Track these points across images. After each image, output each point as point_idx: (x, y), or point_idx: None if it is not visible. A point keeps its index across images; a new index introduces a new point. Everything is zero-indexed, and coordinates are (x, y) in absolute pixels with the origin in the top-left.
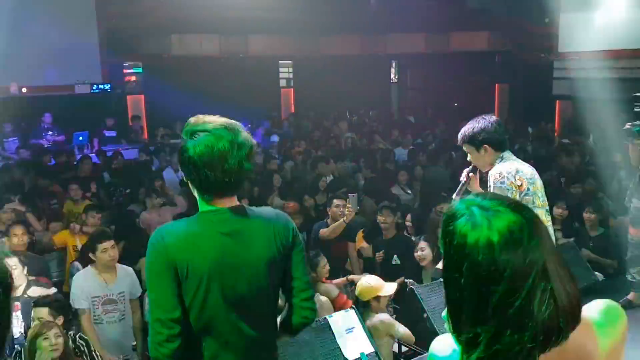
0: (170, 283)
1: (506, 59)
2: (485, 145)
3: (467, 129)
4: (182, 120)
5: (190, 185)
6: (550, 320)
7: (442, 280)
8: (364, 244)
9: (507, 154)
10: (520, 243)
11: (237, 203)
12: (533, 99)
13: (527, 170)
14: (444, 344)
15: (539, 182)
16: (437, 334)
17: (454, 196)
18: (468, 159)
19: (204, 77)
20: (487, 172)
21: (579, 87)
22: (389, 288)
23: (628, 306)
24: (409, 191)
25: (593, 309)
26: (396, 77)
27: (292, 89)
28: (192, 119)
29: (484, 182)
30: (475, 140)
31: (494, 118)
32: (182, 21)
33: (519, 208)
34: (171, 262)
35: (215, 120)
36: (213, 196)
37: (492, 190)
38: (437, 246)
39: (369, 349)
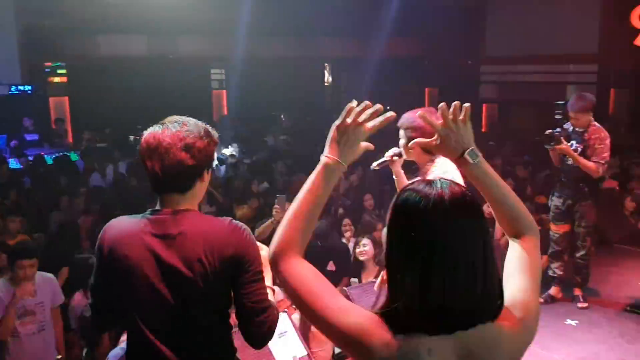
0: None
1: (435, 64)
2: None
3: (403, 120)
4: (110, 122)
5: None
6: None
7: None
8: None
9: (441, 157)
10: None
11: (189, 207)
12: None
13: (459, 175)
14: None
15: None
16: None
17: (373, 164)
18: (401, 143)
19: (132, 79)
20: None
21: (503, 91)
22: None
23: (550, 300)
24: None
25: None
26: (330, 80)
27: (224, 91)
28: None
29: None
30: (407, 133)
31: (436, 114)
32: (108, 21)
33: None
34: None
35: (170, 119)
36: (160, 193)
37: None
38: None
39: (301, 352)
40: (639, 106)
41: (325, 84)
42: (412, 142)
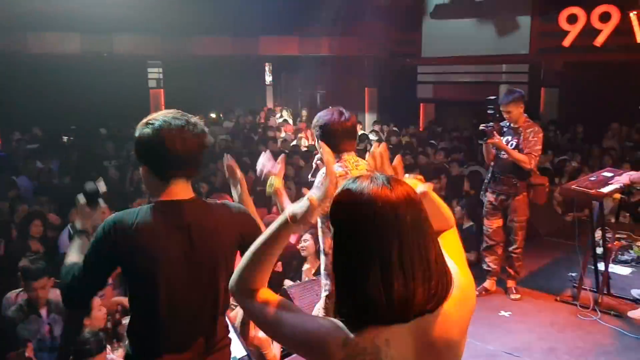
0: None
1: (375, 64)
2: (320, 142)
3: (317, 118)
4: (41, 123)
5: (147, 176)
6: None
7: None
8: None
9: (349, 156)
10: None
11: (193, 195)
12: (400, 102)
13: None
14: None
15: None
16: None
17: (309, 176)
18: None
19: (65, 78)
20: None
21: (440, 90)
22: None
23: (485, 293)
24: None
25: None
26: (270, 79)
27: (162, 90)
28: (143, 120)
29: None
30: (316, 133)
31: (346, 116)
32: (39, 18)
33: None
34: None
35: (165, 111)
36: (171, 178)
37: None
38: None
39: (240, 353)
40: (567, 105)
41: (266, 83)
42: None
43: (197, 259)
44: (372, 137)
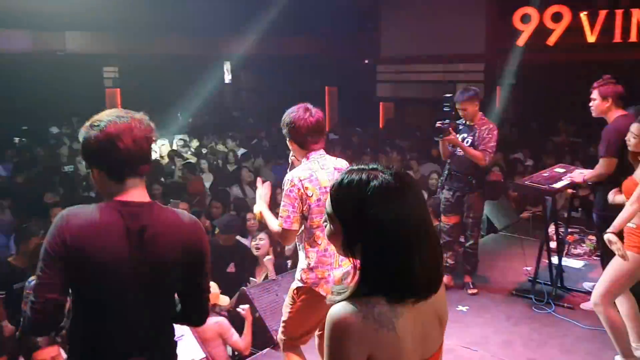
0: None
1: (334, 63)
2: (288, 140)
3: (284, 116)
4: None
5: (98, 178)
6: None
7: None
8: None
9: (317, 154)
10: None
11: (149, 199)
12: (359, 102)
13: (326, 178)
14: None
15: None
16: (268, 333)
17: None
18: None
19: (16, 77)
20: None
21: (398, 89)
22: (224, 300)
23: None
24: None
25: None
26: (230, 78)
27: (118, 90)
28: (86, 123)
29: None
30: (284, 132)
31: (313, 112)
32: None
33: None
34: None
35: (108, 110)
36: (125, 177)
37: (283, 193)
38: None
39: (199, 354)
40: (521, 103)
41: (225, 82)
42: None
43: (145, 264)
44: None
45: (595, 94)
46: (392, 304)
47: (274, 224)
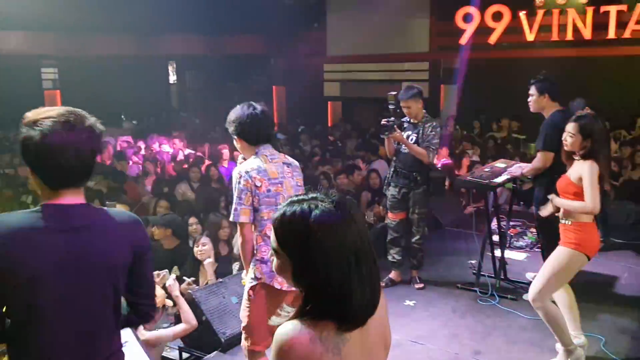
0: None
1: (281, 62)
2: (236, 137)
3: (229, 115)
4: None
5: (33, 178)
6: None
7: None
8: None
9: (265, 149)
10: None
11: (83, 201)
12: (307, 101)
13: (275, 170)
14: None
15: (289, 183)
16: (216, 336)
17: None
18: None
19: None
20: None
21: (346, 88)
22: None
23: (390, 284)
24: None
25: None
26: (175, 78)
27: (58, 91)
28: (29, 114)
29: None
30: (230, 130)
31: (258, 108)
32: None
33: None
34: None
35: (57, 108)
36: (60, 188)
37: (235, 190)
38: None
39: None
40: (465, 101)
41: (170, 83)
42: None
43: (82, 266)
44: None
45: (532, 90)
46: (338, 329)
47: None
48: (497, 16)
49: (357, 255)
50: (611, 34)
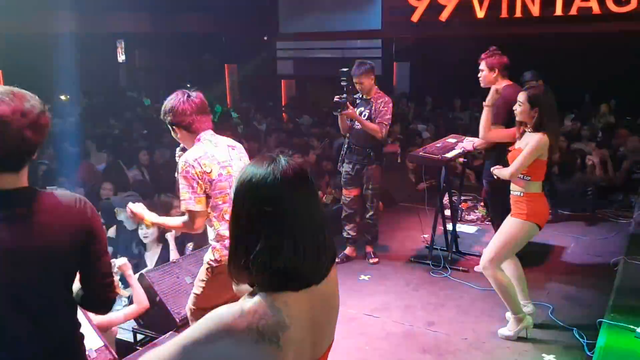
0: None
1: (233, 40)
2: (174, 127)
3: (164, 105)
4: None
5: None
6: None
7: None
8: None
9: (206, 134)
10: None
11: (25, 184)
12: (260, 79)
13: (222, 154)
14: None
15: (237, 165)
16: (170, 316)
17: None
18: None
19: None
20: None
21: (299, 66)
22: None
23: (345, 260)
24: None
25: None
26: (124, 57)
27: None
28: None
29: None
30: (167, 120)
31: (193, 94)
32: None
33: None
34: None
35: (9, 87)
36: None
37: (179, 179)
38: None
39: (98, 343)
40: (417, 78)
41: (119, 61)
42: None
43: (28, 252)
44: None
45: (482, 65)
46: (280, 307)
47: (174, 221)
48: None
49: (312, 220)
50: (558, 11)
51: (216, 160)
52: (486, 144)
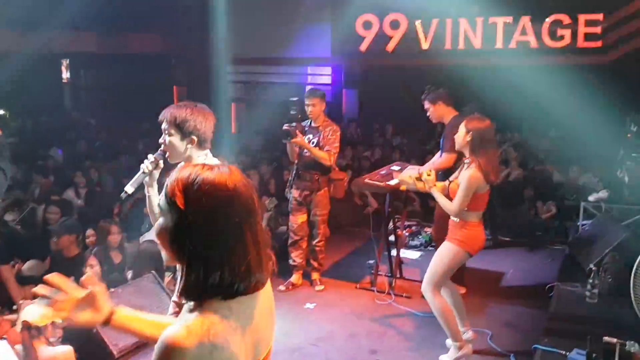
0: None
1: (182, 62)
2: (193, 137)
3: (179, 112)
4: None
5: None
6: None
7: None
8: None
9: (208, 152)
10: None
11: None
12: (212, 102)
13: None
14: None
15: None
16: (108, 349)
17: (128, 188)
18: (164, 140)
19: None
20: None
21: (250, 91)
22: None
23: (291, 287)
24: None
25: None
26: (68, 76)
27: None
28: None
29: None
30: (183, 129)
31: (205, 109)
32: None
33: None
34: None
35: None
36: None
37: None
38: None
39: None
40: (366, 105)
41: (63, 81)
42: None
43: None
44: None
45: (426, 104)
46: (225, 313)
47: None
48: (395, 24)
49: (246, 224)
50: (499, 44)
51: None
52: (437, 171)
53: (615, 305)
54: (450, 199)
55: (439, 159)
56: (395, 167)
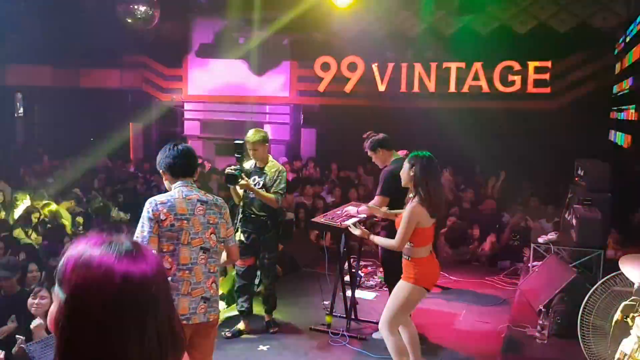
0: None
1: (139, 99)
2: (161, 171)
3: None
4: None
5: None
6: None
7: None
8: None
9: (183, 185)
10: None
11: None
12: (166, 139)
13: (184, 206)
14: None
15: (198, 220)
16: None
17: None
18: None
19: None
20: None
21: (207, 129)
22: None
23: (238, 334)
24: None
25: None
26: (22, 110)
27: None
28: None
29: None
30: (160, 168)
31: (180, 146)
32: None
33: None
34: None
35: None
36: None
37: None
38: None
39: None
40: (323, 144)
41: (17, 115)
42: None
43: None
44: None
45: (369, 153)
46: None
47: None
48: (353, 66)
49: (151, 302)
50: (452, 87)
51: (174, 211)
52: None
53: (565, 346)
54: None
55: (373, 201)
56: (351, 207)
